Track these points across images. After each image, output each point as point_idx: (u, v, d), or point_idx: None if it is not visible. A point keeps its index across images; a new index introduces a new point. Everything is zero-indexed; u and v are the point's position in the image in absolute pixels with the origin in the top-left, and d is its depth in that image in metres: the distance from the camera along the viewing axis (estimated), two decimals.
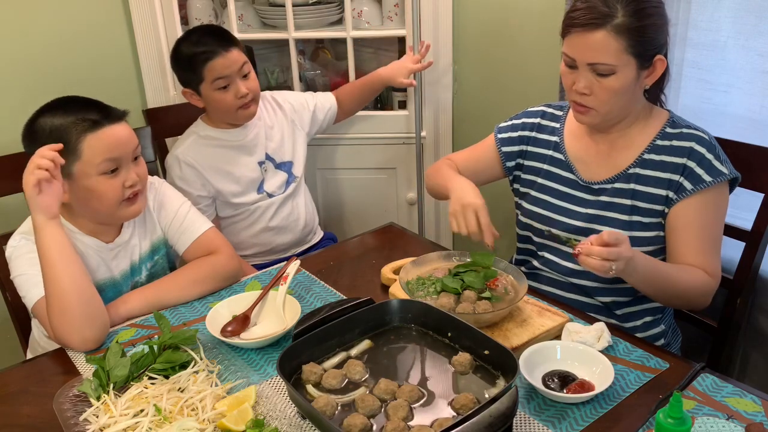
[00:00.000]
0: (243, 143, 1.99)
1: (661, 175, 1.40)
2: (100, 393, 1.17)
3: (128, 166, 1.44)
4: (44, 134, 1.39)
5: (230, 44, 1.86)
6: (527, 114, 1.63)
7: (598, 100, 1.35)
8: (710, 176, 1.35)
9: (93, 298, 1.37)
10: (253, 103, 1.92)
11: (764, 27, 1.58)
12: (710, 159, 1.36)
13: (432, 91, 2.36)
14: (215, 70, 1.84)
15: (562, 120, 1.56)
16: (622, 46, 1.28)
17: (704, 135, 1.40)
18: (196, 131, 1.98)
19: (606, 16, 1.27)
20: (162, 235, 1.63)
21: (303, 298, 1.49)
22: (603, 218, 1.46)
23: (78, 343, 1.33)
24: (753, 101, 1.65)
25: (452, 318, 1.19)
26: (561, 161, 1.53)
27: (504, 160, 1.63)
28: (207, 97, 1.89)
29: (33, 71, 2.15)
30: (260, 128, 2.02)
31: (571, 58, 1.34)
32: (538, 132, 1.59)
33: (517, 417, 1.05)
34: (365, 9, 2.38)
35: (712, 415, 1.08)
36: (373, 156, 2.46)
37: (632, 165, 1.43)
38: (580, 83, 1.34)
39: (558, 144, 1.54)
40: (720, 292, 1.59)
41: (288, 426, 1.11)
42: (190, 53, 1.85)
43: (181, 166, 1.93)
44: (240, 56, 1.87)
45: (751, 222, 1.52)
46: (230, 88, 1.87)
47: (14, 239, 1.45)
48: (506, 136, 1.63)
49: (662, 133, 1.43)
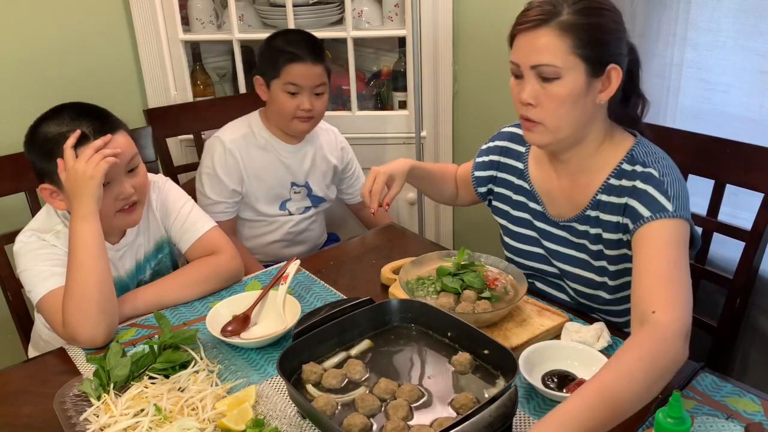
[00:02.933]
0: (288, 161, 1.99)
1: (612, 219, 1.30)
2: (100, 392, 1.17)
3: (120, 179, 1.42)
4: (40, 141, 1.39)
5: (320, 60, 1.87)
6: (499, 136, 1.55)
7: (544, 111, 1.24)
8: (649, 211, 1.20)
9: (112, 296, 1.38)
10: (311, 121, 1.92)
11: (764, 27, 1.58)
12: (654, 195, 1.22)
13: (432, 91, 2.36)
14: (292, 75, 1.85)
15: (528, 145, 1.47)
16: (567, 46, 1.18)
17: (654, 172, 1.24)
18: (252, 127, 1.96)
19: (551, 13, 1.20)
20: (165, 234, 1.63)
21: (303, 298, 1.49)
22: (573, 258, 1.40)
23: (88, 337, 1.33)
24: (753, 101, 1.65)
25: (452, 318, 1.19)
26: (527, 191, 1.45)
27: (475, 185, 1.57)
28: (273, 94, 1.89)
29: (34, 71, 2.15)
30: (312, 155, 2.02)
31: (516, 64, 1.25)
32: (505, 156, 1.51)
33: (516, 417, 1.05)
34: (365, 9, 2.38)
35: (712, 415, 1.08)
36: (373, 156, 2.45)
37: (588, 206, 1.34)
38: (524, 92, 1.24)
39: (523, 171, 1.46)
40: (720, 292, 1.60)
41: (288, 426, 1.11)
42: (280, 48, 1.86)
43: (226, 152, 1.91)
44: (321, 75, 1.88)
45: (751, 222, 1.52)
46: (297, 97, 1.87)
47: (24, 234, 1.46)
48: (480, 160, 1.56)
49: (618, 170, 1.30)
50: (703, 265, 1.64)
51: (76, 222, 1.36)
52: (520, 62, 1.25)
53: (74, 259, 1.35)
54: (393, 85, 2.52)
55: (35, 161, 1.42)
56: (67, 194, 1.37)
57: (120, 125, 1.45)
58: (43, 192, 1.43)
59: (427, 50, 2.29)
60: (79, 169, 1.34)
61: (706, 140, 1.59)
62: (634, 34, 1.81)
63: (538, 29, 1.20)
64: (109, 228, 1.47)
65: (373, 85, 2.60)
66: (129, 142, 1.44)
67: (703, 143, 1.59)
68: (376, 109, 2.54)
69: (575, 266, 1.41)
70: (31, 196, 1.81)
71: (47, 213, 1.50)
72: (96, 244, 1.36)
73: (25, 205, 1.81)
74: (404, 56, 2.39)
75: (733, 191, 1.58)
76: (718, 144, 1.56)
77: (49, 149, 1.38)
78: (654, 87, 1.82)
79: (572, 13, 1.19)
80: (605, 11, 1.22)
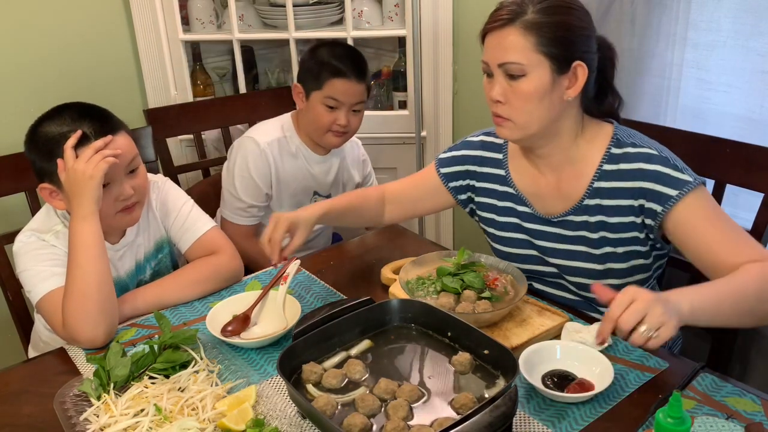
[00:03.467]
0: (314, 171, 1.98)
1: (621, 203, 1.32)
2: (100, 392, 1.17)
3: (120, 180, 1.42)
4: (41, 141, 1.39)
5: (363, 78, 1.86)
6: (467, 145, 1.54)
7: (512, 108, 1.28)
8: (674, 189, 1.25)
9: (112, 296, 1.38)
10: (344, 136, 1.92)
11: (764, 27, 1.58)
12: (667, 173, 1.26)
13: (432, 91, 2.36)
14: (334, 89, 1.84)
15: (505, 149, 1.49)
16: (531, 44, 1.23)
17: (652, 150, 1.29)
18: (284, 131, 1.94)
19: (516, 13, 1.25)
20: (165, 234, 1.63)
21: (303, 298, 1.49)
22: (571, 252, 1.40)
23: (88, 337, 1.33)
24: (753, 101, 1.65)
25: (452, 318, 1.19)
26: (513, 195, 1.46)
27: (455, 194, 1.56)
28: (311, 104, 1.88)
29: (35, 71, 2.15)
30: (338, 168, 2.02)
31: (486, 63, 1.30)
32: (481, 165, 1.51)
33: (516, 417, 1.05)
34: (365, 9, 2.38)
35: (712, 415, 1.08)
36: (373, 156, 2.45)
37: (585, 196, 1.35)
38: (494, 90, 1.29)
39: (505, 178, 1.47)
40: None
41: (288, 426, 1.11)
42: (326, 60, 1.84)
43: (261, 154, 1.89)
44: (362, 93, 1.88)
45: (751, 222, 1.52)
46: (335, 112, 1.86)
47: (24, 234, 1.46)
48: (450, 171, 1.54)
49: (608, 155, 1.33)
50: None
51: (76, 222, 1.36)
52: (489, 61, 1.30)
53: (74, 259, 1.36)
54: (393, 85, 2.52)
55: (35, 161, 1.42)
56: (67, 194, 1.37)
57: (121, 126, 1.45)
58: (43, 191, 1.43)
59: (427, 50, 2.29)
60: (78, 169, 1.34)
61: (706, 140, 1.59)
62: (635, 33, 1.81)
63: (505, 29, 1.26)
64: (109, 228, 1.47)
65: (373, 85, 2.60)
66: (130, 143, 1.44)
67: (703, 143, 1.59)
68: (376, 109, 2.54)
69: (573, 260, 1.41)
70: (31, 196, 1.81)
71: (47, 213, 1.50)
72: (95, 244, 1.36)
73: (25, 205, 1.81)
74: (404, 56, 2.39)
75: (733, 191, 1.58)
76: (718, 144, 1.56)
77: (49, 149, 1.38)
78: (654, 87, 1.82)
79: (536, 12, 1.24)
80: (570, 9, 1.27)
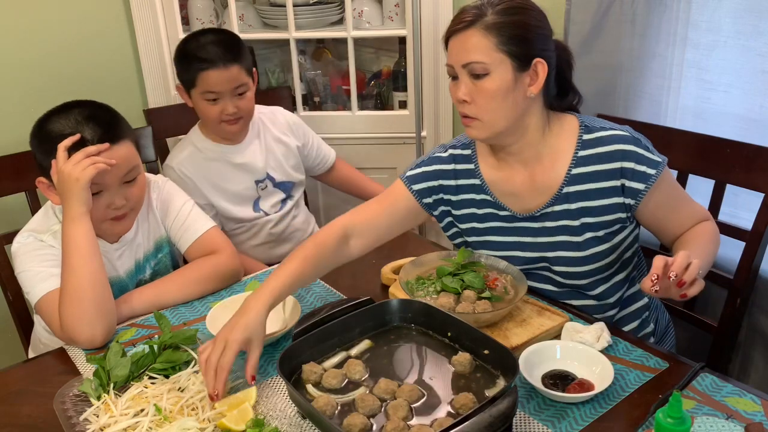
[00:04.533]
0: (240, 162, 1.95)
1: (601, 185, 1.36)
2: (100, 393, 1.17)
3: (114, 189, 1.42)
4: (41, 138, 1.40)
5: (233, 60, 1.79)
6: (437, 160, 1.50)
7: (478, 106, 1.32)
8: (653, 169, 1.33)
9: (107, 295, 1.38)
10: (240, 121, 1.87)
11: (764, 27, 1.58)
12: (643, 153, 1.34)
13: (432, 91, 2.36)
14: (207, 83, 1.79)
15: (474, 158, 1.49)
16: (493, 43, 1.28)
17: (623, 132, 1.35)
18: (194, 142, 1.93)
19: (477, 15, 1.29)
20: (165, 233, 1.63)
21: (303, 298, 1.49)
22: (554, 243, 1.41)
23: (86, 337, 1.33)
24: (753, 101, 1.64)
25: (452, 318, 1.19)
26: (491, 202, 1.46)
27: (428, 210, 1.54)
28: (195, 102, 1.86)
29: (35, 71, 2.15)
30: (259, 146, 1.98)
31: (450, 66, 1.34)
32: (456, 179, 1.49)
33: (517, 417, 1.05)
34: (366, 9, 2.38)
35: (712, 415, 1.08)
36: (373, 156, 2.46)
37: (564, 184, 1.38)
38: (459, 90, 1.33)
39: (480, 186, 1.47)
40: (720, 292, 1.60)
41: (288, 426, 1.11)
42: (191, 55, 1.80)
43: (181, 177, 1.88)
44: (238, 75, 1.81)
45: (751, 222, 1.52)
46: (219, 102, 1.82)
47: (22, 235, 1.46)
48: (423, 186, 1.50)
49: (580, 142, 1.37)
50: None
51: (66, 223, 1.37)
52: (453, 63, 1.34)
53: (66, 261, 1.36)
54: (393, 85, 2.52)
55: (36, 154, 1.43)
56: (59, 194, 1.38)
57: (126, 135, 1.44)
58: (40, 185, 1.44)
59: (427, 50, 2.29)
60: (65, 170, 1.34)
61: (706, 140, 1.59)
62: (635, 33, 1.81)
63: (467, 31, 1.30)
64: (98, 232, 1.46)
65: (373, 85, 2.60)
66: (130, 154, 1.44)
67: (703, 143, 1.60)
68: (376, 109, 2.54)
69: (557, 250, 1.41)
70: (31, 196, 1.81)
71: (45, 213, 1.50)
72: (86, 245, 1.36)
73: (25, 205, 1.81)
74: (404, 56, 2.39)
75: (733, 191, 1.58)
76: (718, 144, 1.56)
77: (48, 147, 1.38)
78: (654, 87, 1.82)
79: (495, 13, 1.29)
80: (526, 10, 1.32)
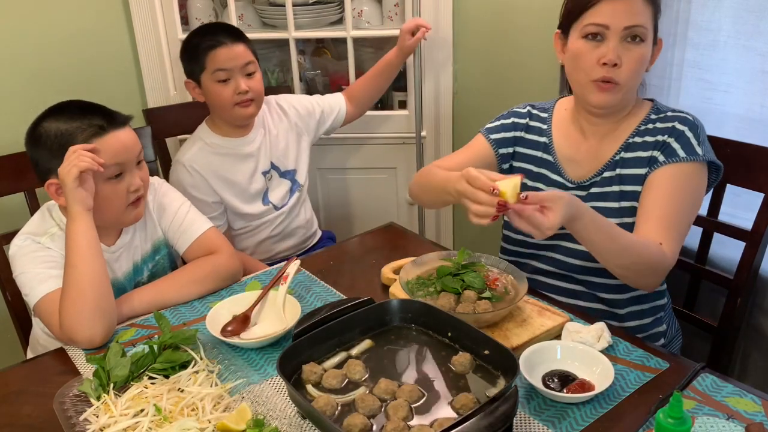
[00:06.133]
0: (247, 152, 1.96)
1: (642, 155, 1.42)
2: (100, 393, 1.17)
3: (132, 171, 1.44)
4: (49, 138, 1.39)
5: (239, 38, 1.85)
6: (515, 114, 1.61)
7: (625, 72, 1.35)
8: (684, 152, 1.36)
9: (108, 295, 1.38)
10: (253, 103, 1.89)
11: (764, 27, 1.58)
12: (689, 137, 1.37)
13: (432, 91, 2.36)
14: (217, 61, 1.83)
15: (549, 121, 1.56)
16: (651, 12, 1.35)
17: (689, 116, 1.41)
18: (203, 138, 1.95)
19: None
20: (162, 235, 1.63)
21: (303, 298, 1.49)
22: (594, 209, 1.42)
23: (85, 337, 1.33)
24: (753, 101, 1.65)
25: (452, 318, 1.19)
26: (550, 163, 1.53)
27: (500, 162, 1.60)
28: (206, 89, 1.87)
29: (34, 71, 2.15)
30: (264, 136, 2.00)
31: (602, 26, 1.33)
32: (527, 132, 1.58)
33: (517, 417, 1.05)
34: (365, 9, 2.38)
35: (712, 415, 1.08)
36: (373, 156, 2.46)
37: (617, 152, 1.45)
38: (611, 53, 1.33)
39: (547, 145, 1.54)
40: (720, 292, 1.60)
41: (288, 426, 1.11)
42: (197, 42, 1.85)
43: (192, 173, 1.90)
44: (246, 53, 1.86)
45: (751, 222, 1.52)
46: (230, 82, 1.84)
47: (19, 238, 1.45)
48: (500, 137, 1.59)
49: (646, 119, 1.45)
50: (703, 265, 1.64)
51: (68, 223, 1.37)
52: (611, 24, 1.33)
53: (68, 260, 1.36)
54: (393, 85, 2.51)
55: (40, 158, 1.42)
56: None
57: (128, 120, 1.47)
58: (50, 188, 1.42)
59: (427, 50, 2.29)
60: (60, 173, 1.35)
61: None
62: None
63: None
64: (116, 224, 1.49)
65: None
66: (134, 136, 1.46)
67: None
68: (376, 109, 2.54)
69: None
70: (31, 196, 1.81)
71: (41, 216, 1.50)
72: (86, 244, 1.36)
73: (24, 205, 1.80)
74: None
75: (733, 191, 1.58)
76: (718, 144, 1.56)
77: (61, 143, 1.37)
78: (654, 87, 1.82)
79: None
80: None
